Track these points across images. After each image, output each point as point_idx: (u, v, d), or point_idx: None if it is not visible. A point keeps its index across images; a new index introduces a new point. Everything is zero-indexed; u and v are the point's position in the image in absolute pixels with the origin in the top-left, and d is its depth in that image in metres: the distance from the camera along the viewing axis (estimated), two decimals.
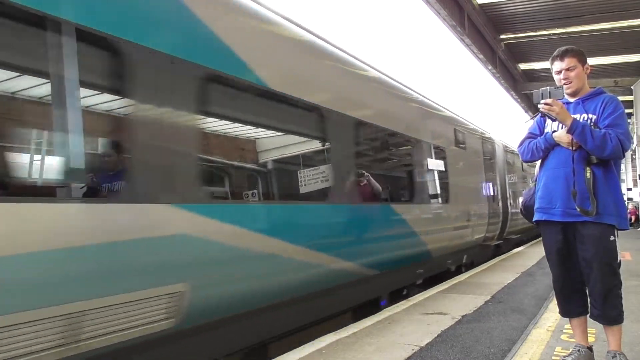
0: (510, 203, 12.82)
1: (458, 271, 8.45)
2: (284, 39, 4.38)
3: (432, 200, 7.39)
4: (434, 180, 7.53)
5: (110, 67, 2.90)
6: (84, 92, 2.71)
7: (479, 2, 12.15)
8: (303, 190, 4.60)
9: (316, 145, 4.94)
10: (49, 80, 2.58)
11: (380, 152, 6.60)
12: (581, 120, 2.91)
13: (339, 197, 4.85)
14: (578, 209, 2.85)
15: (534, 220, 3.16)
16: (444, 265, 7.83)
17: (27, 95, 2.65)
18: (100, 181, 2.92)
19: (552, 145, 3.02)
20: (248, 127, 4.29)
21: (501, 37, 14.17)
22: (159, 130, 2.99)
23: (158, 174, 2.97)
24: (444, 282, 7.10)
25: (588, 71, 3.06)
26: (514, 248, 12.94)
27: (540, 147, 3.07)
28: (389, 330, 4.32)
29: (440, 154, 7.85)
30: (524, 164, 15.20)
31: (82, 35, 2.58)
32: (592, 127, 2.88)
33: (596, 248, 2.85)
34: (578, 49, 3.05)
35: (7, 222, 2.18)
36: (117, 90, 2.93)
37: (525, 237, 15.48)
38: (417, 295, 6.05)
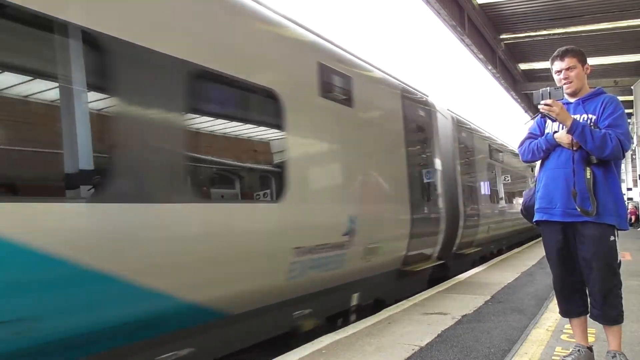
0: (465, 202, 8.87)
1: (330, 327, 4.69)
2: None
3: (201, 195, 3.61)
4: (212, 150, 3.90)
5: None
6: None
7: (479, 2, 12.13)
8: None
9: None
10: None
11: None
12: (581, 120, 2.91)
13: None
14: (578, 209, 2.85)
15: (534, 220, 3.17)
16: (284, 324, 4.26)
17: None
18: None
19: (552, 146, 3.02)
20: None
21: (501, 37, 14.15)
22: None
23: None
24: (444, 282, 7.09)
25: (588, 71, 3.07)
26: (471, 268, 8.85)
27: (541, 148, 3.07)
28: (389, 330, 4.32)
29: (257, 100, 4.18)
30: (492, 150, 11.92)
31: None
32: (592, 127, 2.88)
33: (596, 248, 2.86)
34: (578, 49, 3.05)
35: None
36: None
37: (494, 249, 11.67)
38: (417, 295, 6.05)
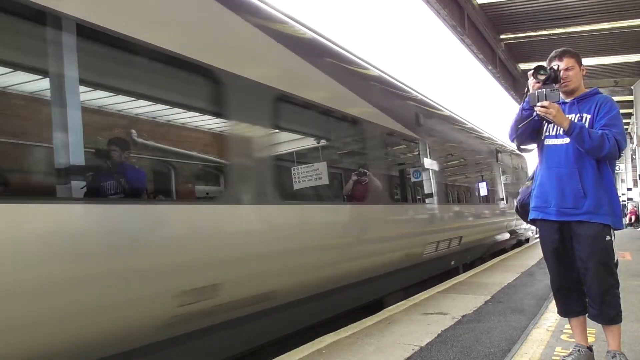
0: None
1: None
2: None
3: None
4: None
5: None
6: None
7: (479, 2, 12.13)
8: None
9: None
10: None
11: None
12: (575, 120, 2.94)
13: None
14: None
15: (529, 218, 3.18)
16: None
17: None
18: None
19: (527, 111, 3.01)
20: None
21: (501, 37, 14.14)
22: None
23: None
24: (444, 282, 7.10)
25: (584, 72, 3.10)
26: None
27: (516, 119, 3.07)
28: (389, 330, 4.33)
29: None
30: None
31: None
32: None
33: (591, 248, 2.87)
34: (575, 51, 3.09)
35: None
36: None
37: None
38: (417, 295, 6.06)
